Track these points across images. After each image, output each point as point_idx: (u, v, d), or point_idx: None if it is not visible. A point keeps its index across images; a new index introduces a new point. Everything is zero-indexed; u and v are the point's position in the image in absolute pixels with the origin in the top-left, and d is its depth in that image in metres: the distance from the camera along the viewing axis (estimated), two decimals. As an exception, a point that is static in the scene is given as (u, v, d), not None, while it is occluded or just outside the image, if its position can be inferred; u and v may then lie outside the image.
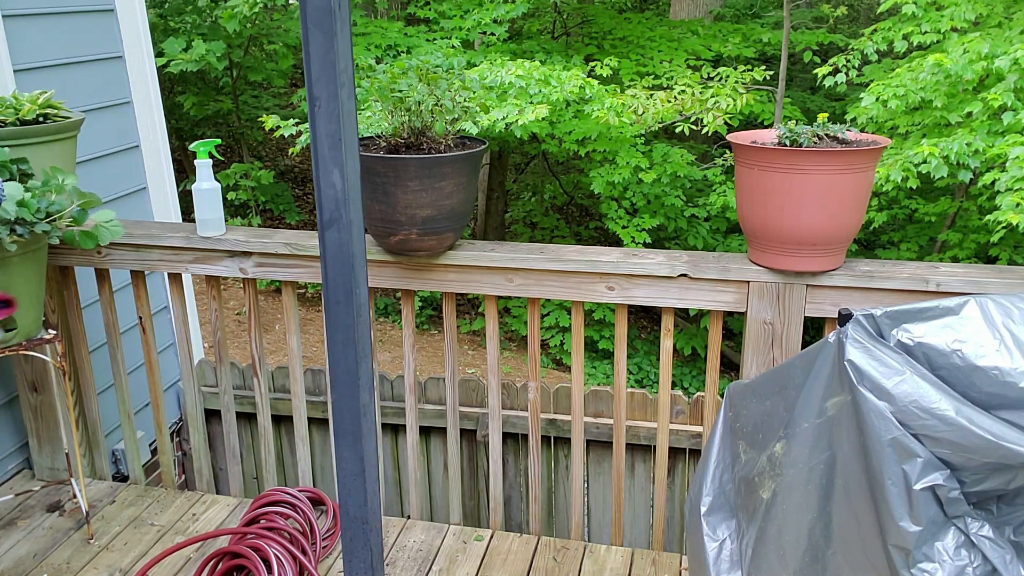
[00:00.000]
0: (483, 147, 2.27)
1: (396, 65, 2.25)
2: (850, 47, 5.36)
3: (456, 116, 2.25)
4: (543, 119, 5.12)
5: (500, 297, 2.94)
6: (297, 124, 5.31)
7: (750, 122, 6.57)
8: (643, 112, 5.36)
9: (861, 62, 5.28)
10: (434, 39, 6.64)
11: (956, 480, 1.43)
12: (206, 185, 2.48)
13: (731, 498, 1.91)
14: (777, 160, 1.97)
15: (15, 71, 2.72)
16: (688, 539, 2.02)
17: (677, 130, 5.76)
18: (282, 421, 3.38)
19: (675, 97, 5.49)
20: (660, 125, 5.68)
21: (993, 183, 4.27)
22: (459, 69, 5.48)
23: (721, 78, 5.74)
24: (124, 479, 3.11)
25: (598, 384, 5.95)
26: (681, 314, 7.08)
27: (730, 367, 7.02)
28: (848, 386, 1.52)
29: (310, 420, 3.15)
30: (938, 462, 1.43)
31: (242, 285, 5.01)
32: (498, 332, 2.50)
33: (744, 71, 5.68)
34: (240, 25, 6.63)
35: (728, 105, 5.27)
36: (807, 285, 2.13)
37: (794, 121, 2.35)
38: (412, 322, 2.55)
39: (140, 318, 2.68)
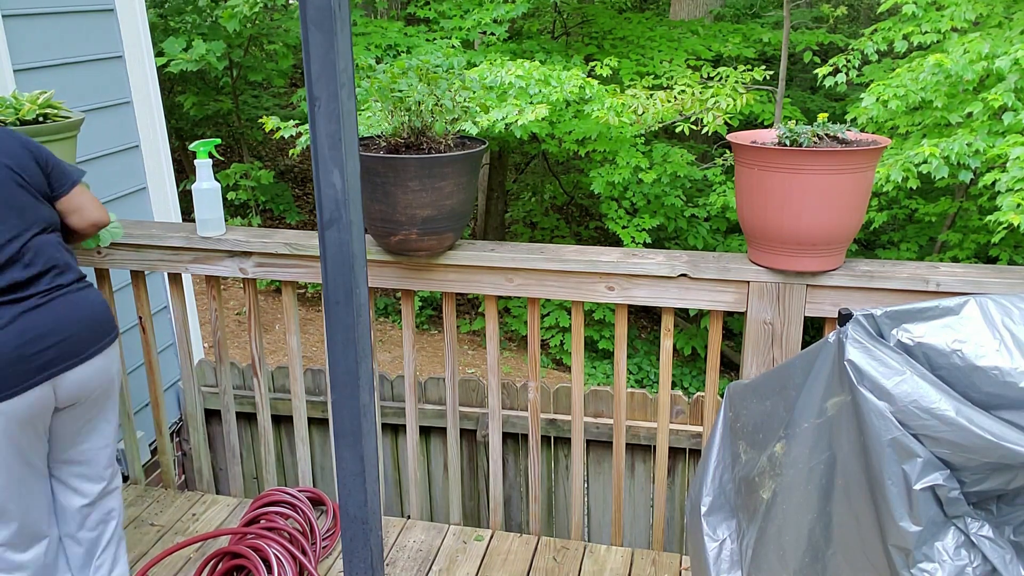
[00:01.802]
0: (483, 147, 2.27)
1: (396, 65, 2.25)
2: (850, 47, 5.36)
3: (456, 116, 2.25)
4: (543, 119, 5.11)
5: (500, 297, 2.94)
6: (297, 125, 5.30)
7: (750, 122, 6.57)
8: (643, 112, 5.36)
9: (861, 62, 5.28)
10: (434, 39, 6.64)
11: (956, 480, 1.43)
12: (206, 185, 2.48)
13: (731, 498, 1.91)
14: (777, 160, 1.97)
15: (15, 71, 2.72)
16: (689, 539, 2.02)
17: (677, 130, 5.76)
18: (282, 421, 3.38)
19: (675, 97, 5.49)
20: (660, 125, 5.68)
21: (994, 183, 4.27)
22: (459, 69, 5.48)
23: (721, 78, 5.74)
24: (124, 479, 3.11)
25: (598, 384, 5.95)
26: (681, 314, 7.08)
27: (730, 367, 7.02)
28: (848, 386, 1.52)
29: (310, 420, 3.15)
30: (938, 462, 1.43)
31: (242, 285, 5.01)
32: (498, 332, 2.50)
33: (744, 71, 5.68)
34: (240, 25, 6.62)
35: (728, 105, 5.27)
36: (807, 285, 2.13)
37: (794, 121, 2.35)
38: (412, 322, 2.55)
39: (140, 318, 2.68)
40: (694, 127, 5.56)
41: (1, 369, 1.78)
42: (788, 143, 2.04)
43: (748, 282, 2.17)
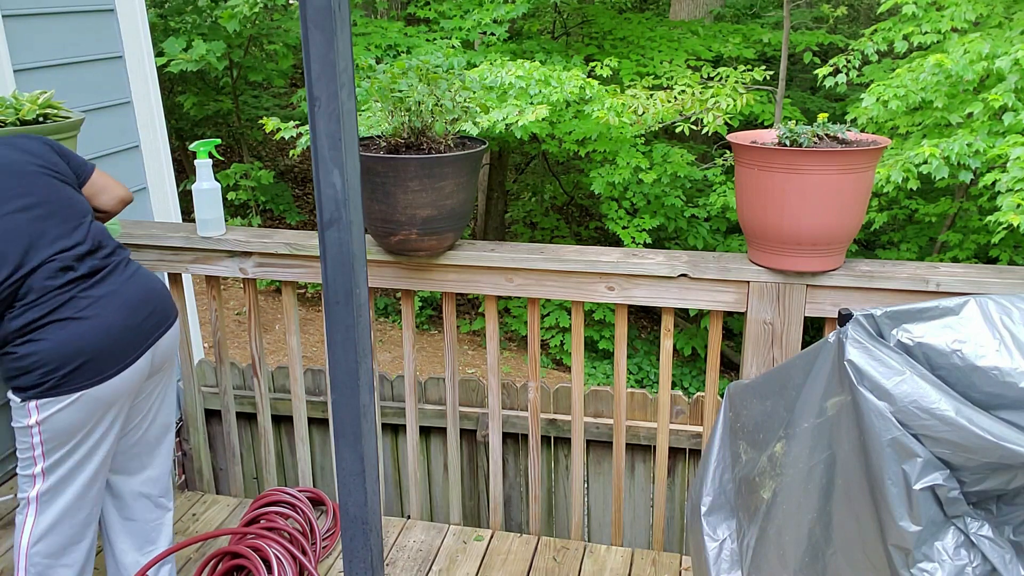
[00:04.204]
0: (483, 147, 2.27)
1: (396, 65, 2.25)
2: (850, 47, 5.36)
3: (456, 116, 2.25)
4: (543, 119, 5.11)
5: (500, 297, 2.93)
6: (297, 126, 5.30)
7: (750, 122, 6.57)
8: (643, 112, 5.35)
9: (861, 62, 5.28)
10: (434, 39, 6.64)
11: (956, 480, 1.43)
12: (206, 185, 2.48)
13: (731, 498, 1.91)
14: (777, 160, 1.98)
15: (15, 71, 2.72)
16: (689, 539, 2.03)
17: (677, 130, 5.76)
18: (282, 421, 3.38)
19: (675, 97, 5.49)
20: (660, 125, 5.68)
21: (994, 184, 4.27)
22: (459, 69, 5.47)
23: (721, 78, 5.74)
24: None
25: (598, 384, 5.95)
26: (681, 314, 7.08)
27: (730, 367, 7.02)
28: (848, 386, 1.52)
29: (310, 420, 3.15)
30: (938, 462, 1.43)
31: (242, 285, 5.01)
32: (498, 332, 2.50)
33: (744, 71, 5.68)
34: (240, 25, 6.62)
35: (728, 105, 5.27)
36: (807, 285, 2.13)
37: (794, 121, 2.35)
38: (412, 322, 2.55)
39: (140, 318, 2.68)
40: (694, 127, 5.56)
41: (117, 343, 1.88)
42: (788, 143, 2.04)
43: (748, 282, 2.17)
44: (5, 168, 1.86)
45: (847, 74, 5.15)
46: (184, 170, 7.78)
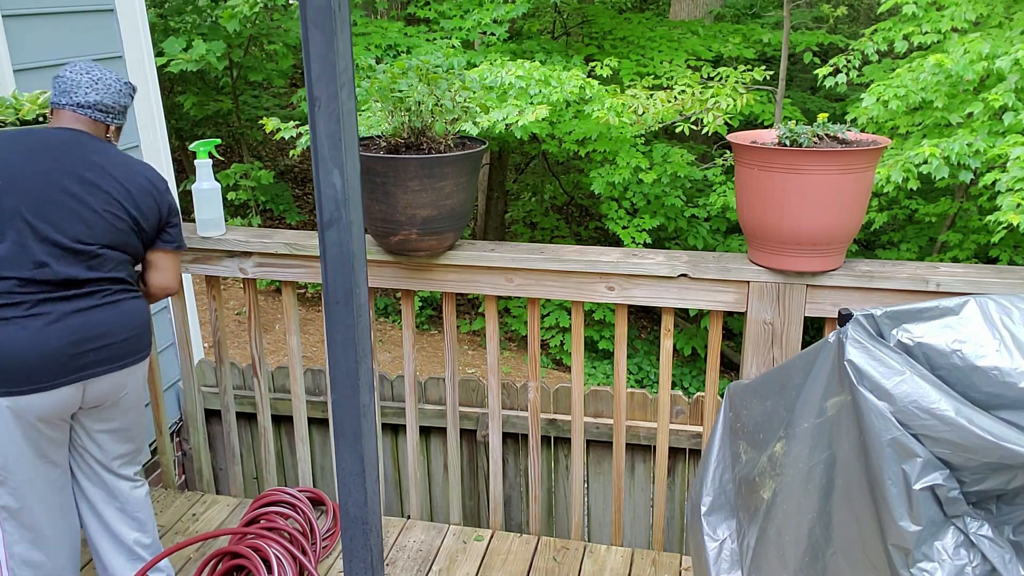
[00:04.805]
0: (483, 147, 2.27)
1: (396, 65, 2.25)
2: (850, 47, 5.36)
3: (456, 116, 2.25)
4: (543, 119, 5.11)
5: (500, 297, 2.94)
6: (297, 126, 5.30)
7: (750, 122, 6.57)
8: (643, 112, 5.35)
9: (861, 62, 5.27)
10: (434, 39, 6.63)
11: (956, 480, 1.43)
12: (206, 185, 2.48)
13: (731, 498, 1.92)
14: (777, 160, 1.98)
15: (15, 71, 2.72)
16: (689, 539, 2.03)
17: (677, 130, 5.76)
18: (282, 421, 3.38)
19: (675, 97, 5.48)
20: (660, 125, 5.67)
21: (994, 183, 4.27)
22: (459, 69, 5.46)
23: (721, 78, 5.73)
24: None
25: (598, 384, 5.95)
26: (681, 314, 7.07)
27: (730, 367, 7.02)
28: (848, 386, 1.52)
29: (310, 420, 3.15)
30: (938, 462, 1.43)
31: (242, 285, 5.01)
32: (498, 332, 2.50)
33: (744, 71, 5.68)
34: (240, 25, 6.62)
35: (728, 105, 5.27)
36: (807, 285, 2.13)
37: (794, 121, 2.35)
38: (412, 322, 2.55)
39: (140, 318, 2.67)
40: (694, 127, 5.55)
41: (42, 364, 1.83)
42: (788, 143, 2.04)
43: (748, 282, 2.17)
44: (103, 177, 1.88)
45: (847, 74, 5.14)
46: (184, 170, 7.78)
